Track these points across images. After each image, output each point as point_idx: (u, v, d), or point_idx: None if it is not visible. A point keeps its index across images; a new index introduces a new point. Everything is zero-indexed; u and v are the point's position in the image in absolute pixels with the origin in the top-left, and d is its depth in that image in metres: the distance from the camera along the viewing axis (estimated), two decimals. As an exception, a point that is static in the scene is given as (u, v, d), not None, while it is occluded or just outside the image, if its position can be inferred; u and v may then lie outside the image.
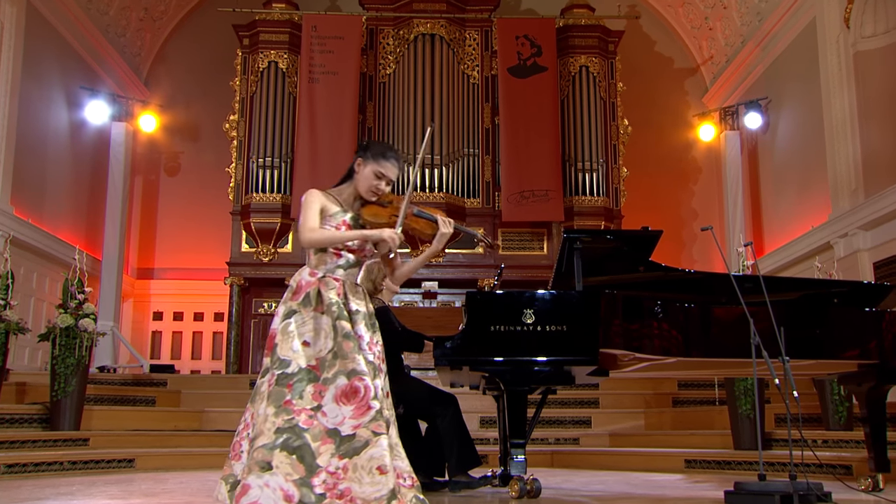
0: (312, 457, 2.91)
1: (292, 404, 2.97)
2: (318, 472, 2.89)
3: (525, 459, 3.94)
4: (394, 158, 3.32)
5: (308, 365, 3.05)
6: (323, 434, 2.95)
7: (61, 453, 5.70)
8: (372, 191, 3.30)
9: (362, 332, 3.13)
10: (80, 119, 10.21)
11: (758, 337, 3.65)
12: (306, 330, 3.10)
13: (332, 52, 10.39)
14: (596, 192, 10.37)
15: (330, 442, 2.93)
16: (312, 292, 3.17)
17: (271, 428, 2.92)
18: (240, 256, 10.36)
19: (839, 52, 8.43)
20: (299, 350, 3.06)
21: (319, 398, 3.00)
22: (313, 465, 2.90)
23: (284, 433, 2.92)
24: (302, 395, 2.99)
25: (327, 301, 3.13)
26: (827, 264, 7.67)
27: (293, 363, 3.04)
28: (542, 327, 3.91)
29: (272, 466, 2.86)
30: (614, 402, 7.88)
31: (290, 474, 2.86)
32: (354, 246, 3.24)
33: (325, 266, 3.23)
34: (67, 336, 6.34)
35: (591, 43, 10.79)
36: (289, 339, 3.09)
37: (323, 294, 3.16)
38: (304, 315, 3.13)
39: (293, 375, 3.02)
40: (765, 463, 5.17)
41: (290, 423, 2.93)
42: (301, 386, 3.01)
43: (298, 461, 2.89)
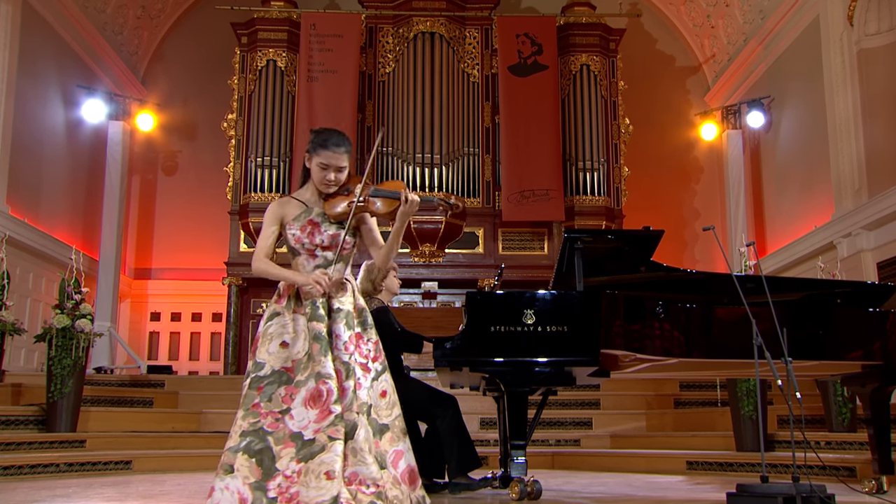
0: (272, 460, 2.92)
1: (260, 407, 2.99)
2: (275, 475, 2.91)
3: (525, 461, 3.94)
4: (334, 145, 3.24)
5: (282, 367, 3.06)
6: (286, 438, 2.96)
7: (57, 455, 5.69)
8: (325, 183, 3.25)
9: (340, 330, 3.12)
10: (76, 118, 10.21)
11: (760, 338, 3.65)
12: (287, 331, 3.12)
13: (331, 50, 10.38)
14: (597, 191, 10.37)
15: (291, 446, 2.95)
16: (292, 294, 3.19)
17: (238, 431, 2.96)
18: (238, 256, 10.35)
19: (843, 50, 8.42)
20: (275, 352, 3.08)
21: (290, 401, 3.01)
22: (271, 469, 2.91)
23: (248, 436, 2.94)
24: (271, 398, 3.00)
25: (305, 303, 3.14)
26: (830, 264, 7.67)
27: (266, 366, 3.06)
28: (542, 328, 3.90)
29: (234, 469, 2.89)
30: (615, 403, 7.87)
31: (247, 477, 2.89)
32: (325, 243, 3.21)
33: (304, 269, 3.23)
34: (64, 337, 6.33)
35: (592, 41, 10.78)
36: (266, 342, 3.11)
37: (301, 297, 3.17)
38: (287, 317, 3.15)
39: (264, 378, 3.04)
40: (767, 465, 5.17)
41: (255, 427, 2.96)
42: (271, 389, 3.02)
43: (257, 464, 2.91)
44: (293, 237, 3.23)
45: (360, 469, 2.97)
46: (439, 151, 10.19)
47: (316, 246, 3.21)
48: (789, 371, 3.61)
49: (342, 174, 3.27)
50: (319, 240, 3.21)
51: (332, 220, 3.23)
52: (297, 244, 3.23)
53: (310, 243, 3.22)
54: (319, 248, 3.22)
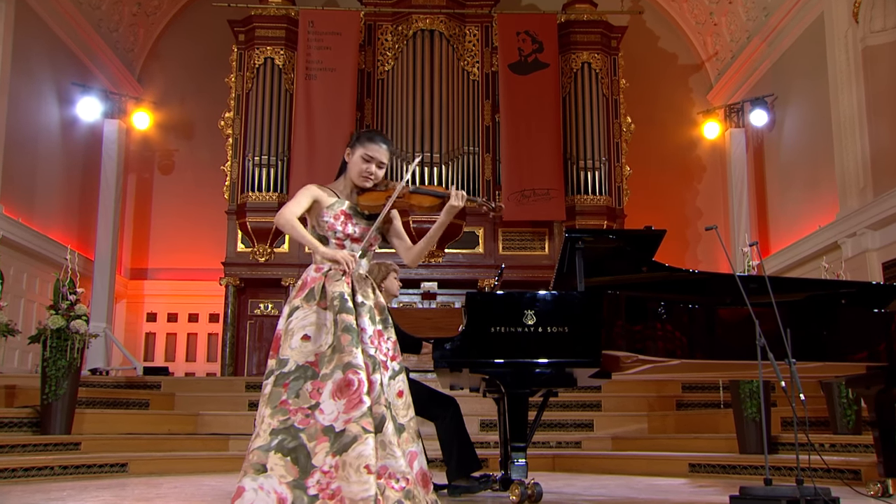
0: (308, 457, 2.91)
1: (288, 404, 2.97)
2: (313, 472, 2.89)
3: (526, 463, 3.94)
4: (381, 140, 3.34)
5: (306, 361, 3.05)
6: (319, 433, 2.94)
7: (52, 458, 5.69)
8: (364, 175, 3.30)
9: (365, 324, 3.13)
10: (71, 116, 10.20)
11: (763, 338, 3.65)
12: (307, 323, 3.11)
13: (329, 48, 10.38)
14: (598, 190, 10.36)
15: (325, 440, 2.93)
16: (317, 287, 3.18)
17: (267, 429, 2.93)
18: (235, 256, 10.35)
19: (847, 47, 8.42)
20: (297, 346, 3.07)
21: (318, 395, 3.00)
22: (308, 466, 2.89)
23: (280, 434, 2.92)
24: (298, 393, 2.99)
25: (331, 295, 3.14)
26: (834, 264, 7.66)
27: (290, 361, 3.05)
28: (543, 328, 3.90)
29: (267, 468, 2.86)
30: (617, 404, 7.87)
31: (283, 476, 2.86)
32: (356, 234, 3.26)
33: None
34: (59, 338, 6.32)
35: (593, 39, 10.78)
36: (289, 337, 3.10)
37: (328, 289, 3.16)
38: (307, 309, 3.14)
39: (289, 374, 3.02)
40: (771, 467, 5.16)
41: (285, 424, 2.93)
42: (298, 385, 3.00)
43: (293, 463, 2.89)
44: (326, 224, 3.25)
45: (391, 462, 2.97)
46: (439, 150, 10.19)
47: (347, 236, 3.26)
48: (793, 372, 3.60)
49: (381, 171, 3.34)
50: (351, 230, 3.26)
51: (365, 214, 3.30)
52: (330, 231, 3.26)
53: (342, 232, 3.25)
54: (349, 239, 3.26)
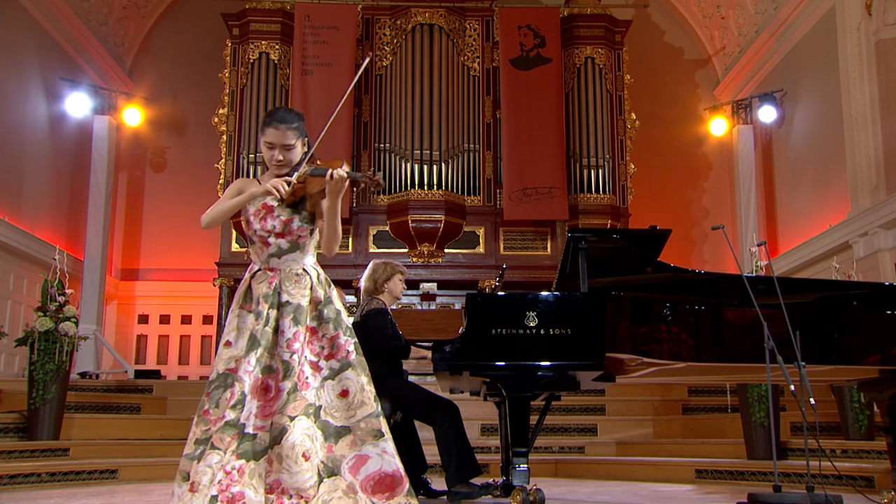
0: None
1: (209, 413, 2.98)
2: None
3: (528, 469, 3.94)
4: (277, 121, 3.17)
5: (226, 369, 3.02)
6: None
7: (39, 464, 5.67)
8: (274, 164, 3.23)
9: (284, 326, 3.07)
10: (59, 112, 10.18)
11: (772, 341, 3.64)
12: (230, 329, 3.11)
13: (326, 42, 10.37)
14: (602, 189, 10.35)
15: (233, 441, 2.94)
16: (244, 289, 3.17)
17: (192, 438, 2.95)
18: (229, 257, 10.34)
19: (860, 40, 8.40)
20: (220, 353, 3.07)
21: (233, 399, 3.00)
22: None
23: (201, 444, 2.93)
24: (217, 403, 2.98)
25: (256, 297, 3.11)
26: (846, 265, 7.65)
27: (214, 370, 3.06)
28: (545, 330, 3.90)
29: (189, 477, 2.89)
30: (621, 408, 7.87)
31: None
32: (277, 229, 3.16)
33: (258, 259, 3.20)
34: (47, 340, 6.32)
35: (596, 33, 10.76)
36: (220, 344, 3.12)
37: (252, 290, 3.14)
38: (232, 314, 3.14)
39: (212, 383, 3.03)
40: (780, 474, 5.15)
41: (206, 434, 2.94)
42: (217, 393, 2.99)
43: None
44: (245, 222, 3.21)
45: (284, 477, 2.93)
46: (438, 148, 10.17)
47: (268, 233, 3.16)
48: (802, 376, 3.59)
49: (291, 153, 3.21)
50: (271, 225, 3.16)
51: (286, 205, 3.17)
52: (249, 231, 3.19)
53: (261, 229, 3.17)
54: (273, 235, 3.16)
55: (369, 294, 4.86)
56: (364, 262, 10.06)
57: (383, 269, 4.86)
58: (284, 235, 3.16)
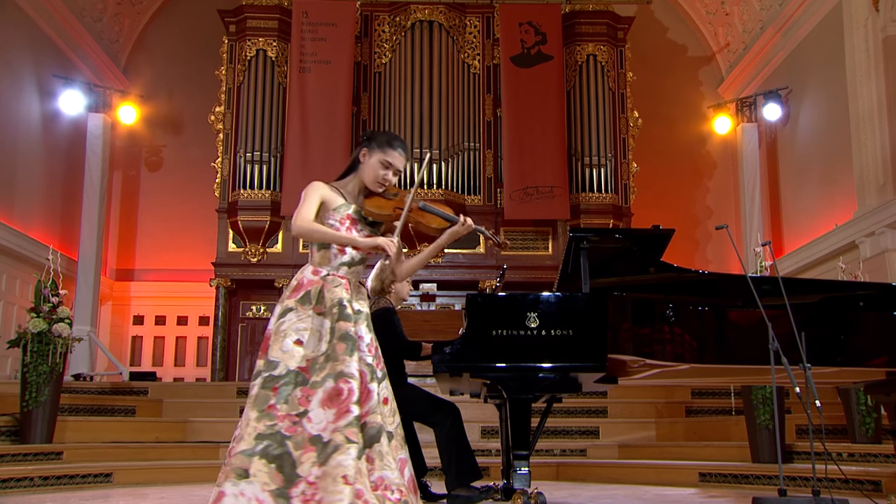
0: (293, 466, 2.91)
1: (276, 409, 2.97)
2: (298, 482, 2.89)
3: (529, 472, 3.94)
4: (401, 147, 3.35)
5: (297, 367, 3.05)
6: (306, 442, 2.95)
7: (32, 468, 5.67)
8: (379, 181, 3.33)
9: (363, 332, 3.16)
10: (53, 110, 10.17)
11: (777, 342, 3.64)
12: (301, 327, 3.12)
13: (324, 39, 10.36)
14: (604, 188, 10.35)
15: (312, 450, 2.93)
16: (314, 291, 3.19)
17: (252, 433, 2.93)
18: (226, 257, 10.34)
19: (867, 37, 8.39)
20: (290, 349, 3.07)
21: (306, 403, 3.00)
22: (293, 476, 2.90)
23: (265, 440, 2.92)
24: (287, 399, 2.99)
25: (329, 302, 3.15)
26: (852, 265, 7.64)
27: (281, 365, 3.05)
28: (546, 332, 3.90)
29: (249, 474, 2.86)
30: (624, 411, 7.86)
31: (266, 484, 2.87)
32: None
33: (328, 264, 3.25)
34: (40, 342, 6.30)
35: (599, 30, 10.76)
36: (280, 339, 3.11)
37: (325, 294, 3.18)
38: (301, 313, 3.15)
39: (279, 378, 3.02)
40: (786, 477, 5.15)
41: (272, 430, 2.94)
42: (287, 390, 3.01)
43: (277, 470, 2.89)
44: (332, 227, 3.26)
45: (387, 474, 3.00)
46: (438, 146, 10.18)
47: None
48: (808, 378, 3.59)
49: (395, 177, 3.38)
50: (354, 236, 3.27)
51: (368, 220, 3.33)
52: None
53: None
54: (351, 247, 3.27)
55: (376, 294, 4.88)
56: (363, 262, 10.07)
57: (389, 269, 4.87)
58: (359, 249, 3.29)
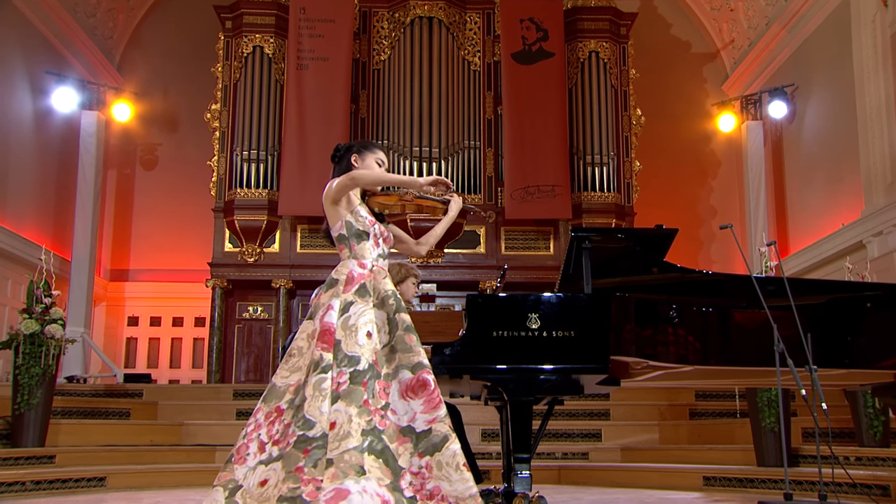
0: (394, 459, 2.98)
1: (369, 404, 3.04)
2: (403, 474, 2.97)
3: (530, 475, 3.93)
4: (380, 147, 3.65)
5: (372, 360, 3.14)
6: (397, 433, 3.02)
7: (24, 472, 5.65)
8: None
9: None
10: (46, 107, 10.17)
11: (782, 344, 3.63)
12: (368, 320, 3.20)
13: (322, 36, 10.36)
14: (606, 187, 10.34)
15: (407, 440, 3.01)
16: (368, 283, 3.28)
17: (357, 430, 2.97)
18: (223, 257, 10.33)
19: (875, 33, 8.37)
20: (365, 343, 3.14)
21: (385, 396, 3.09)
22: (397, 469, 2.97)
23: (369, 435, 2.99)
24: (374, 393, 3.07)
25: (382, 293, 3.25)
26: (859, 265, 7.63)
27: (362, 359, 3.11)
28: (548, 333, 3.90)
29: (366, 470, 2.90)
30: (626, 413, 7.86)
31: (381, 479, 2.93)
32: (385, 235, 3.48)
33: (370, 256, 3.36)
34: (32, 343, 6.29)
35: (601, 26, 10.76)
36: (353, 333, 3.15)
37: (378, 286, 3.27)
38: (364, 305, 3.22)
39: (365, 373, 3.09)
40: (791, 481, 5.14)
41: (371, 425, 3.01)
42: (372, 384, 3.08)
43: (385, 465, 2.96)
44: (367, 220, 3.40)
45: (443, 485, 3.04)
46: (438, 145, 10.17)
47: (380, 234, 3.45)
48: (814, 380, 3.58)
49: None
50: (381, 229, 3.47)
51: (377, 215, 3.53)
52: (371, 227, 3.41)
53: (377, 230, 3.44)
54: (382, 238, 3.45)
55: None
56: (361, 262, 10.06)
57: (397, 270, 4.88)
58: (387, 242, 3.49)
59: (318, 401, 3.01)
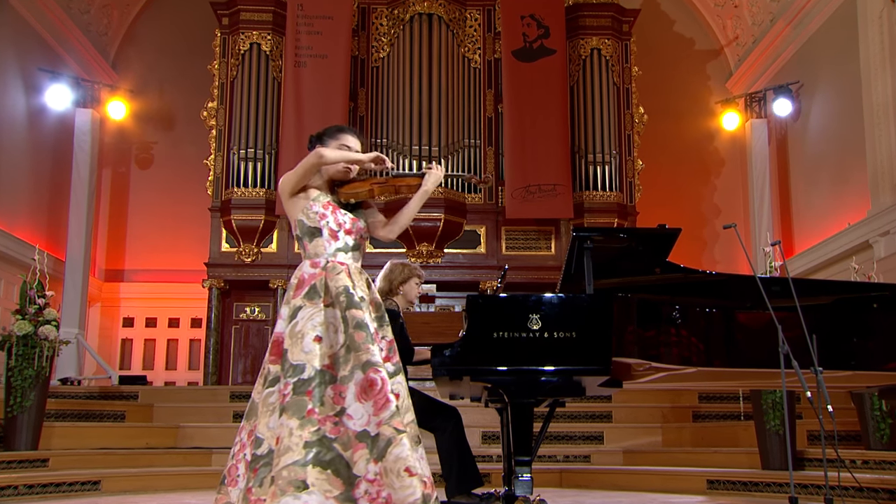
0: (347, 468, 2.91)
1: (315, 413, 2.96)
2: (358, 482, 2.90)
3: (531, 478, 3.93)
4: (350, 132, 3.45)
5: (323, 365, 3.05)
6: (353, 440, 2.94)
7: (16, 476, 5.64)
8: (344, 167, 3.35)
9: (368, 320, 3.14)
10: (39, 105, 10.15)
11: (787, 345, 3.62)
12: (317, 323, 3.10)
13: (320, 33, 10.35)
14: (608, 186, 10.34)
15: (362, 447, 2.93)
16: (319, 283, 3.18)
17: (299, 443, 2.91)
18: (219, 257, 10.33)
19: (882, 29, 8.36)
20: (312, 349, 3.06)
21: (341, 400, 3.00)
22: (351, 477, 2.90)
23: (314, 447, 2.91)
24: (323, 401, 2.98)
25: (335, 291, 3.14)
26: (865, 265, 7.62)
27: (307, 367, 3.03)
28: (549, 334, 3.89)
29: (308, 485, 2.85)
30: (629, 415, 7.86)
31: (329, 491, 2.87)
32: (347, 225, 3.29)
33: (325, 252, 3.25)
34: (25, 345, 6.29)
35: (603, 23, 10.75)
36: (299, 340, 3.08)
37: (330, 284, 3.16)
38: (312, 308, 3.13)
39: (310, 381, 3.01)
40: (797, 485, 5.13)
41: (317, 435, 2.93)
42: (320, 391, 3.00)
43: (334, 475, 2.90)
44: (317, 214, 3.27)
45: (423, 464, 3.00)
46: (438, 143, 10.16)
47: (339, 226, 3.29)
48: (819, 382, 3.58)
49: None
50: (342, 220, 3.30)
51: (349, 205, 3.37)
52: (322, 221, 3.27)
53: (334, 222, 3.28)
54: (343, 231, 3.29)
55: (383, 295, 4.87)
56: (359, 262, 10.05)
57: (400, 270, 4.86)
58: (352, 233, 3.31)
59: (267, 416, 2.98)
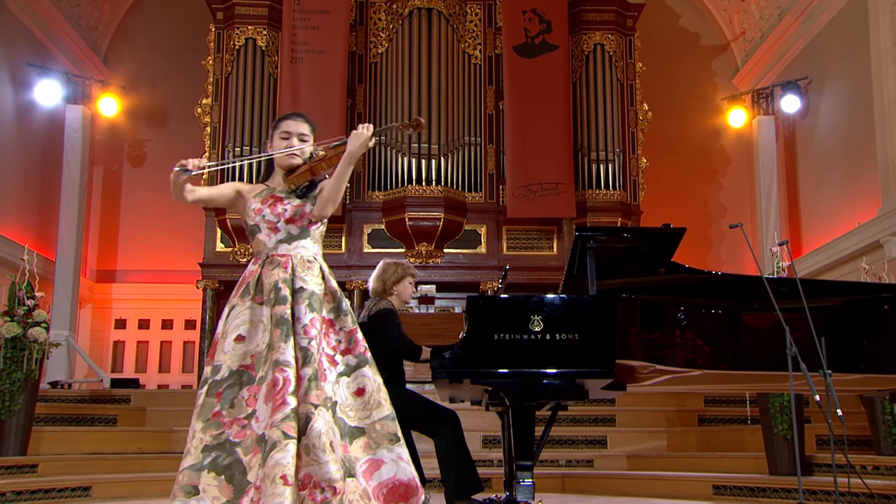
0: (243, 473, 2.89)
1: (222, 416, 2.95)
2: (248, 490, 2.87)
3: (533, 483, 3.93)
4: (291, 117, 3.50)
5: (241, 366, 3.02)
6: (254, 444, 2.92)
7: (5, 482, 5.65)
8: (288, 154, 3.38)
9: (301, 312, 3.08)
10: (28, 101, 10.14)
11: (795, 347, 3.62)
12: (241, 322, 3.09)
13: (317, 28, 10.35)
14: (612, 185, 10.34)
15: (259, 451, 2.90)
16: (252, 281, 3.18)
17: (198, 446, 2.91)
18: (214, 257, 10.33)
19: (894, 23, 8.36)
20: (230, 349, 3.05)
21: (254, 402, 2.98)
22: (243, 484, 2.88)
23: (213, 451, 2.90)
24: (233, 403, 2.97)
25: (268, 287, 3.12)
26: (876, 266, 7.62)
27: (223, 368, 3.02)
28: (551, 336, 3.89)
29: (199, 490, 2.85)
30: (633, 419, 7.86)
31: (217, 498, 2.85)
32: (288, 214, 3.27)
33: (266, 246, 3.24)
34: (14, 347, 6.29)
35: (607, 18, 10.75)
36: (223, 340, 3.08)
37: (264, 280, 3.14)
38: (241, 306, 3.13)
39: (222, 382, 3.00)
40: (805, 491, 5.13)
41: (219, 440, 2.92)
42: (231, 393, 2.98)
43: (227, 482, 2.87)
44: (254, 210, 3.28)
45: (314, 469, 2.88)
46: (437, 141, 10.15)
47: (278, 217, 3.26)
48: (828, 385, 3.57)
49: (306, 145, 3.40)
50: (282, 209, 3.27)
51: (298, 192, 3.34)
52: (258, 216, 3.27)
53: (271, 214, 3.26)
54: (283, 221, 3.26)
55: (377, 295, 4.88)
56: (357, 262, 10.05)
57: (394, 269, 4.87)
58: (295, 221, 3.28)
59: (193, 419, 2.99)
